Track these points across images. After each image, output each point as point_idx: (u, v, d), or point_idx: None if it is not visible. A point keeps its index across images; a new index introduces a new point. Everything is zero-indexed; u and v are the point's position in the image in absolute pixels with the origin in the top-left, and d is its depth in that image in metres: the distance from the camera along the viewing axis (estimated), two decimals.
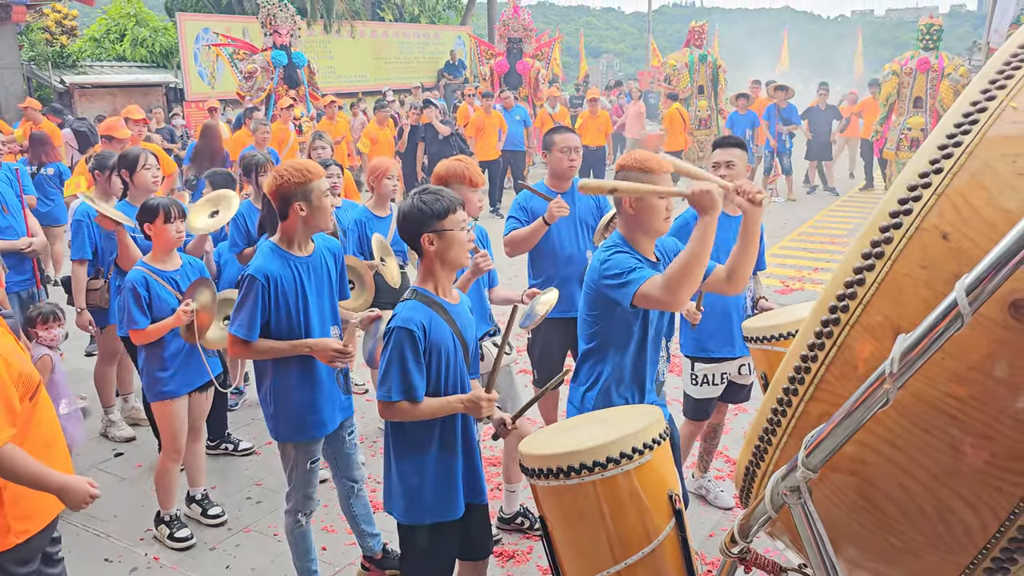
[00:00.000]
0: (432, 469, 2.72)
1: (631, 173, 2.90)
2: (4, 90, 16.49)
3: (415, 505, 2.74)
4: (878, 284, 1.73)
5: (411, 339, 2.59)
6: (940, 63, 12.85)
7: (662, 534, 2.27)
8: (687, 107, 15.39)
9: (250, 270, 3.17)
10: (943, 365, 1.62)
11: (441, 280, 2.76)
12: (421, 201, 2.68)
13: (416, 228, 2.68)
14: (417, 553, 2.80)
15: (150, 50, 20.06)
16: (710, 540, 3.92)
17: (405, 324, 2.61)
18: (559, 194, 4.23)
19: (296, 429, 3.30)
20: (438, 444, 2.73)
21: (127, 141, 6.67)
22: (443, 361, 2.69)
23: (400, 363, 2.59)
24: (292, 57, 13.11)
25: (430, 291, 2.73)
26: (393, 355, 2.61)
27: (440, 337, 2.67)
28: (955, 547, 1.74)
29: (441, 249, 2.69)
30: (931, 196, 1.70)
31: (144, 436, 5.10)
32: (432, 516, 2.74)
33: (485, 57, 17.32)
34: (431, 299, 2.72)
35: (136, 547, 3.99)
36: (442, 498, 2.73)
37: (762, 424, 2.02)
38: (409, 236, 2.72)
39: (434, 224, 2.66)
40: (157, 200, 3.88)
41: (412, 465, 2.73)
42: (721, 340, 3.97)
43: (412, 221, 2.68)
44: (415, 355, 2.60)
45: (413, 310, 2.66)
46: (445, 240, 2.68)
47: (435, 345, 2.65)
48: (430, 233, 2.67)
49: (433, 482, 2.72)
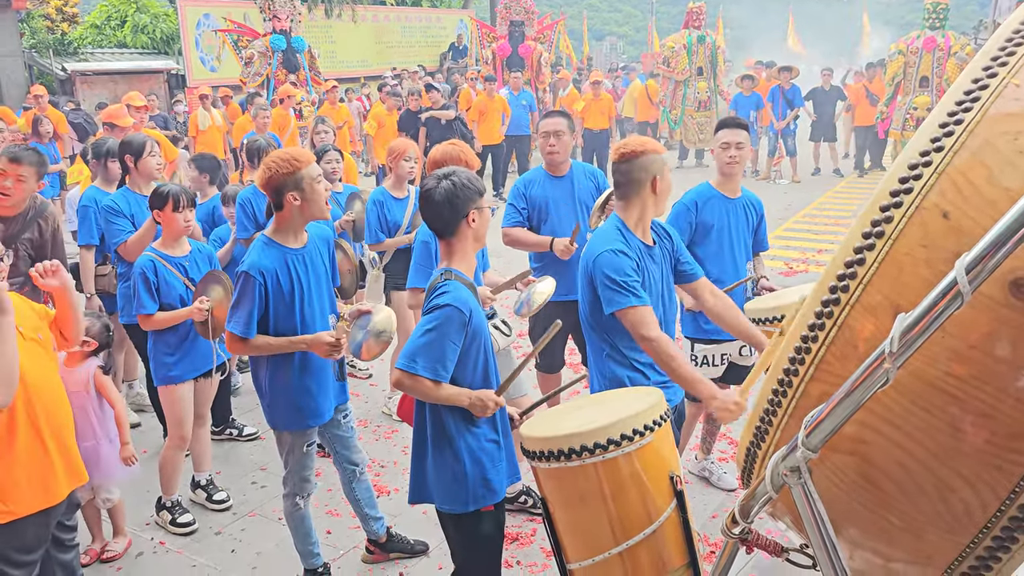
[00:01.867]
0: (477, 453, 2.64)
1: (656, 156, 2.98)
2: (6, 78, 16.47)
3: (464, 493, 2.64)
4: (878, 264, 1.72)
5: (460, 320, 2.52)
6: (947, 42, 12.75)
7: (663, 515, 2.27)
8: (686, 89, 15.30)
9: (244, 267, 3.13)
10: (943, 344, 1.62)
11: (471, 261, 2.72)
12: (466, 179, 2.64)
13: (464, 206, 2.60)
14: (472, 539, 2.72)
15: (151, 36, 19.98)
16: (713, 521, 3.94)
17: (459, 304, 2.52)
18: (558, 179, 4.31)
19: (292, 418, 3.30)
20: (488, 426, 2.67)
21: (129, 129, 6.66)
22: (483, 348, 2.64)
23: (441, 340, 2.51)
24: (291, 42, 13.06)
25: (464, 272, 2.67)
26: (437, 330, 2.51)
27: (481, 323, 2.63)
28: (955, 526, 1.74)
29: (479, 225, 2.67)
30: (932, 175, 1.69)
31: (149, 422, 5.12)
32: (482, 500, 2.65)
33: (487, 40, 17.22)
34: (467, 280, 2.65)
35: (142, 532, 4.02)
36: (493, 482, 2.67)
37: (763, 405, 2.02)
38: (453, 215, 2.61)
39: (477, 200, 2.64)
40: (168, 187, 3.89)
41: (455, 453, 2.64)
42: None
43: (462, 199, 2.60)
44: (456, 338, 2.53)
45: (462, 291, 2.58)
46: (484, 216, 2.68)
47: (477, 331, 2.60)
48: (474, 209, 2.63)
49: (483, 466, 2.64)
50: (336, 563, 3.70)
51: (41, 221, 4.36)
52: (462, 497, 2.64)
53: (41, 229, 4.34)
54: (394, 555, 3.71)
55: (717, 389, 2.79)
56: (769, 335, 3.27)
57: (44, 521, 2.72)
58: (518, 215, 4.30)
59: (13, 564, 2.65)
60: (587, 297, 3.01)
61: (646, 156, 2.95)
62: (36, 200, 4.38)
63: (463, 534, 2.73)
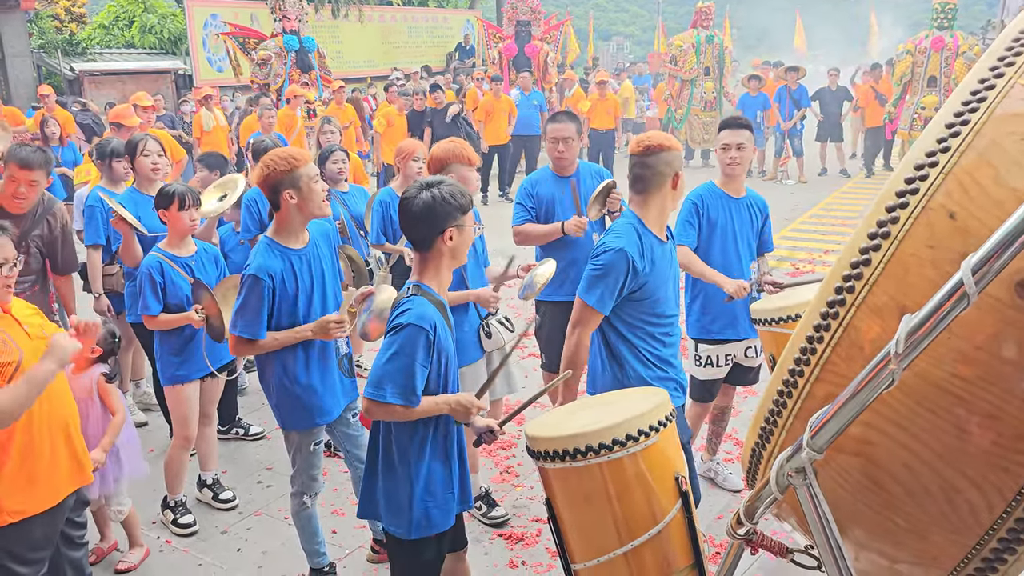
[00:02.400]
0: (426, 482, 2.59)
1: (673, 152, 3.00)
2: (14, 78, 16.56)
3: (407, 518, 2.60)
4: (884, 264, 1.72)
5: (425, 338, 2.45)
6: (955, 42, 12.70)
7: (668, 516, 2.27)
8: (692, 88, 15.25)
9: (251, 270, 3.11)
10: (949, 345, 1.61)
11: (444, 278, 2.64)
12: (448, 193, 2.53)
13: (442, 222, 2.52)
14: (411, 564, 2.69)
15: (159, 37, 20.05)
16: (718, 522, 3.93)
17: (420, 322, 2.45)
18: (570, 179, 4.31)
19: (299, 417, 3.29)
20: (430, 455, 2.61)
21: (135, 129, 6.69)
22: (444, 364, 2.59)
23: (408, 365, 2.44)
24: (303, 42, 13.10)
25: (433, 289, 2.59)
26: (402, 354, 2.45)
27: (446, 341, 2.57)
28: (961, 527, 1.74)
29: (457, 245, 2.57)
30: (938, 175, 1.68)
31: (156, 421, 5.14)
32: (424, 530, 2.61)
33: (494, 40, 17.22)
34: (434, 297, 2.57)
35: (149, 530, 4.03)
36: (435, 510, 2.61)
37: (768, 405, 2.01)
38: (429, 229, 2.54)
39: (458, 218, 2.54)
40: (173, 187, 3.90)
41: (403, 478, 2.60)
42: (724, 322, 3.97)
43: (440, 214, 2.51)
44: (424, 358, 2.47)
45: (425, 307, 2.50)
46: (464, 236, 2.58)
47: (441, 348, 2.55)
48: (454, 227, 2.54)
49: (425, 495, 2.59)
50: (342, 563, 3.71)
51: (50, 218, 4.40)
52: (405, 523, 2.61)
53: (51, 226, 4.37)
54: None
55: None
56: (776, 336, 3.27)
57: (52, 519, 2.74)
58: (527, 213, 4.34)
59: (22, 562, 2.67)
60: None
61: (671, 151, 2.97)
62: (44, 197, 4.42)
63: (402, 558, 2.70)
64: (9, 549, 2.64)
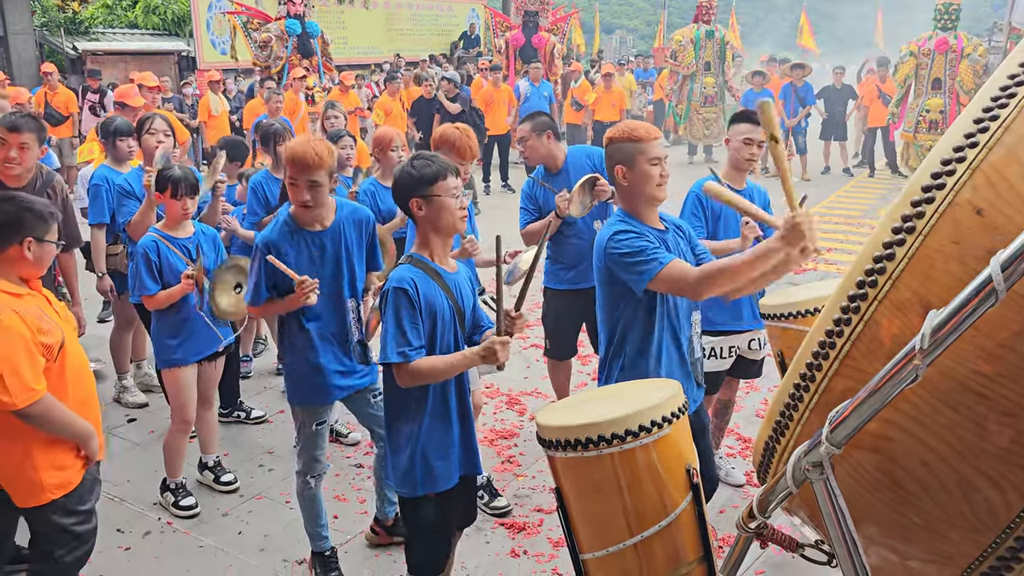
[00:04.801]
0: (423, 439, 2.70)
1: (622, 144, 2.89)
2: (17, 56, 16.45)
3: (408, 476, 2.73)
4: (908, 259, 1.71)
5: (404, 298, 2.59)
6: (959, 43, 12.64)
7: (679, 508, 2.26)
8: (692, 84, 15.18)
9: (257, 240, 3.28)
10: (972, 342, 1.60)
11: (436, 247, 2.75)
12: (411, 166, 2.70)
13: (406, 193, 2.70)
14: (414, 524, 2.81)
15: (162, 17, 19.92)
16: (720, 516, 3.92)
17: (399, 284, 2.61)
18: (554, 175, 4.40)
19: (300, 393, 3.37)
20: (429, 413, 2.70)
21: (140, 109, 6.65)
22: (438, 324, 2.67)
23: (396, 322, 2.58)
24: (306, 26, 13.01)
25: (425, 257, 2.73)
26: (388, 316, 2.60)
27: (433, 298, 2.65)
28: (978, 525, 1.73)
29: (430, 215, 2.69)
30: (965, 170, 1.67)
31: (157, 402, 5.12)
32: (424, 487, 2.73)
33: (500, 30, 17.13)
34: (425, 264, 2.71)
35: (149, 511, 4.02)
36: (434, 469, 2.72)
37: (783, 399, 2.00)
38: (400, 201, 2.74)
39: (423, 189, 2.67)
40: (172, 173, 3.87)
41: (403, 436, 2.72)
42: (728, 313, 3.95)
43: (402, 186, 2.71)
44: (410, 314, 2.59)
45: (405, 271, 2.67)
46: (434, 206, 2.68)
47: (428, 305, 2.63)
48: (418, 198, 2.68)
49: (424, 453, 2.70)
50: (343, 548, 3.70)
51: (50, 191, 4.36)
52: (408, 482, 2.74)
53: (51, 199, 4.33)
54: (397, 537, 3.70)
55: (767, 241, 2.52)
56: (785, 332, 3.26)
57: (92, 475, 2.91)
58: (529, 215, 4.44)
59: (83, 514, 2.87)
60: (602, 290, 2.99)
61: (611, 144, 2.93)
62: (43, 170, 4.38)
63: (408, 517, 2.84)
64: (64, 507, 2.80)
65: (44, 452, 2.73)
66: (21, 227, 2.69)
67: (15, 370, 2.56)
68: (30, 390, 2.59)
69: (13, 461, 2.73)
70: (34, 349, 2.62)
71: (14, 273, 2.72)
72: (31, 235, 2.70)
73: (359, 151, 6.72)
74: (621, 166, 2.89)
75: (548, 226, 4.07)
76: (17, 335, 2.58)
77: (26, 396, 2.58)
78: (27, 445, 2.71)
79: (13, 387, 2.55)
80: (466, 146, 3.77)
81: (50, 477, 2.75)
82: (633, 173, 2.86)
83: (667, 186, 2.92)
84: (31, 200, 2.80)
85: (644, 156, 2.85)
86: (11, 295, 2.67)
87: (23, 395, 2.57)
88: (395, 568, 3.58)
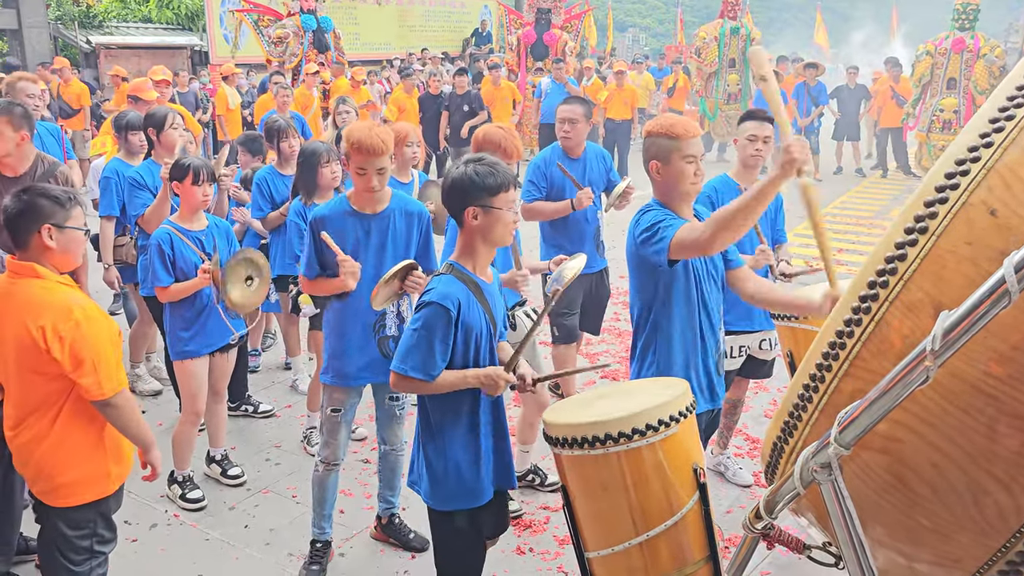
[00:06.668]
0: (459, 453, 2.61)
1: (659, 139, 2.87)
2: (31, 49, 16.54)
3: (440, 490, 2.64)
4: (920, 260, 1.69)
5: (445, 317, 2.48)
6: (976, 43, 12.56)
7: (685, 507, 2.25)
8: (716, 81, 15.10)
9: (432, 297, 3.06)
10: (984, 344, 1.59)
11: (480, 258, 2.62)
12: (474, 171, 2.52)
13: (463, 199, 2.52)
14: (445, 537, 2.73)
15: (175, 12, 20.00)
16: (727, 517, 3.91)
17: (442, 300, 2.48)
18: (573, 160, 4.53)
19: (324, 369, 3.44)
20: (466, 427, 2.63)
21: (153, 102, 6.66)
22: (474, 342, 2.59)
23: (428, 340, 2.49)
24: (320, 22, 13.04)
25: (467, 268, 2.61)
26: (422, 330, 2.50)
27: (474, 318, 2.57)
28: (987, 529, 1.72)
29: (484, 226, 2.54)
30: (980, 170, 1.65)
31: (167, 394, 5.14)
32: (458, 502, 2.65)
33: (514, 27, 17.09)
34: (467, 276, 2.59)
35: (156, 504, 4.03)
36: (468, 484, 2.62)
37: (792, 400, 1.99)
38: (453, 205, 2.56)
39: (484, 198, 2.50)
40: (189, 160, 3.87)
41: (437, 448, 2.64)
42: (738, 313, 3.93)
43: (460, 190, 2.52)
44: (444, 335, 2.49)
45: (450, 285, 2.54)
46: (491, 217, 2.52)
47: (468, 325, 2.55)
48: (477, 207, 2.51)
49: (459, 467, 2.61)
50: (348, 543, 3.71)
51: (51, 181, 4.18)
52: (439, 494, 2.65)
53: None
54: (392, 539, 3.70)
55: (766, 177, 2.57)
56: (795, 332, 3.24)
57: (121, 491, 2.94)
58: (538, 192, 4.48)
59: (109, 527, 2.88)
60: (633, 275, 2.99)
61: (649, 138, 2.92)
62: (44, 161, 4.28)
63: (436, 531, 2.75)
64: (106, 516, 2.84)
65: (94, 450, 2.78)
66: (38, 215, 2.65)
67: (105, 359, 2.61)
68: (116, 380, 2.64)
69: (82, 454, 2.74)
70: (115, 340, 2.69)
71: (50, 264, 2.68)
72: (48, 221, 2.65)
73: None
74: (656, 161, 2.88)
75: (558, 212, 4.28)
76: (103, 325, 2.64)
77: (113, 385, 2.63)
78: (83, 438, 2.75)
79: (104, 375, 2.60)
80: (512, 147, 3.73)
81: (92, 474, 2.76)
82: (667, 168, 2.85)
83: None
84: (45, 187, 2.76)
85: (679, 153, 2.84)
86: (67, 286, 2.69)
87: (111, 384, 2.62)
88: (401, 564, 3.58)
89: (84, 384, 2.59)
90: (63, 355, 2.55)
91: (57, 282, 2.67)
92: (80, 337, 2.57)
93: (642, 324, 2.96)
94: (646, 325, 2.94)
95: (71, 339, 2.55)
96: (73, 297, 2.65)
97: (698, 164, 2.86)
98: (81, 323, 2.57)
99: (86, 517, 2.78)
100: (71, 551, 2.78)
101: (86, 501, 2.76)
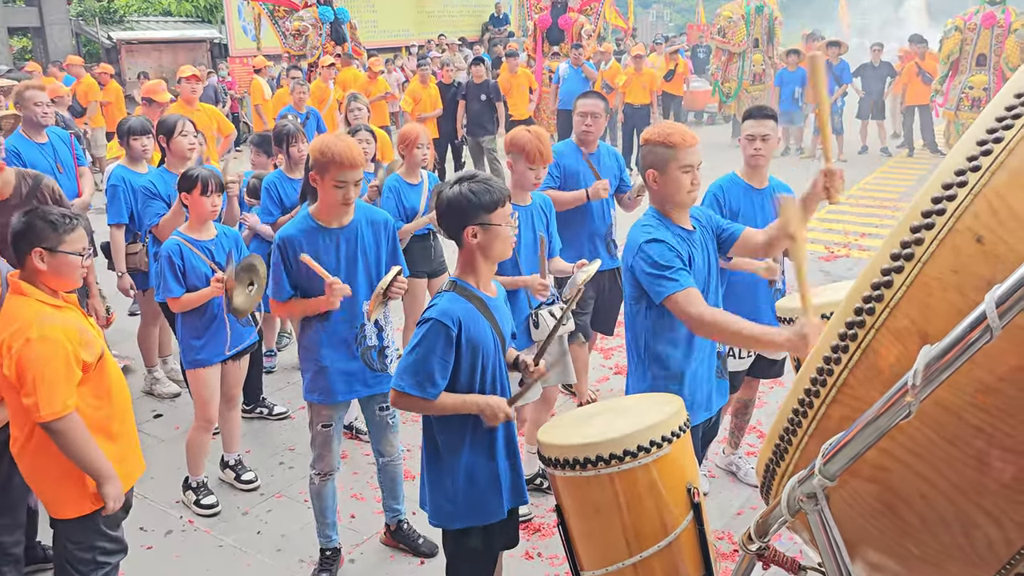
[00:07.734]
0: (463, 473, 2.62)
1: (656, 148, 2.84)
2: (53, 45, 16.73)
3: (445, 508, 2.67)
4: (906, 287, 1.64)
5: (445, 334, 2.49)
6: (1007, 18, 12.21)
7: (679, 527, 2.24)
8: (742, 61, 14.85)
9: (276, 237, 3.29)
10: (970, 375, 1.54)
11: (483, 274, 2.64)
12: (469, 190, 2.51)
13: (461, 219, 2.52)
14: (459, 551, 2.73)
15: (195, 5, 20.11)
16: (738, 518, 3.89)
17: (441, 317, 2.49)
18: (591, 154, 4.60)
19: (308, 388, 3.43)
20: (468, 448, 2.63)
21: (166, 104, 6.71)
22: (480, 358, 2.59)
23: (426, 357, 2.49)
24: (336, 12, 13.02)
25: (470, 284, 2.61)
26: (421, 347, 2.51)
27: (479, 334, 2.56)
28: (977, 560, 1.68)
29: (484, 243, 2.55)
30: (966, 195, 1.60)
31: (183, 398, 5.21)
32: (463, 520, 2.66)
33: (535, 10, 16.91)
34: (471, 292, 2.59)
35: (171, 509, 4.10)
36: (475, 502, 2.64)
37: (783, 423, 1.96)
38: (451, 225, 2.57)
39: (481, 217, 2.51)
40: (197, 171, 3.90)
41: (441, 469, 2.65)
42: (745, 313, 3.85)
43: (457, 210, 2.52)
44: (444, 352, 2.50)
45: (452, 302, 2.54)
46: (490, 234, 2.54)
47: (472, 342, 2.54)
48: (475, 226, 2.52)
49: (467, 489, 2.62)
50: (359, 548, 3.74)
51: (39, 196, 4.14)
52: (448, 512, 2.66)
53: (43, 201, 4.08)
54: (401, 546, 3.73)
55: (778, 331, 2.66)
56: None
57: (128, 501, 2.96)
58: (552, 181, 4.49)
59: (112, 540, 2.91)
60: (629, 292, 2.97)
61: (646, 146, 2.91)
62: (27, 177, 4.17)
63: (449, 547, 2.76)
64: (101, 528, 2.85)
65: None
66: (31, 237, 2.70)
67: (49, 381, 2.58)
68: (60, 404, 2.60)
69: (57, 470, 2.74)
70: (73, 364, 2.64)
71: (43, 285, 2.73)
72: (40, 245, 2.69)
73: (383, 144, 6.73)
74: (653, 170, 2.87)
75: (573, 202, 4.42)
76: (60, 348, 2.61)
77: (53, 409, 2.59)
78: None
79: (43, 398, 2.58)
80: (537, 151, 3.71)
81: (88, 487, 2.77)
82: (664, 178, 2.84)
83: (697, 192, 2.92)
84: (46, 210, 2.79)
85: (676, 163, 2.82)
86: (51, 306, 2.70)
87: (50, 408, 2.59)
88: (410, 570, 3.60)
89: (26, 404, 2.60)
90: (11, 371, 2.59)
91: (40, 301, 2.68)
92: (28, 355, 2.57)
93: (638, 331, 2.94)
94: (643, 332, 2.92)
95: (18, 356, 2.57)
96: (42, 316, 2.64)
97: (695, 174, 2.83)
98: (33, 342, 2.57)
99: (82, 530, 2.82)
100: (76, 562, 2.84)
101: (74, 516, 2.79)
